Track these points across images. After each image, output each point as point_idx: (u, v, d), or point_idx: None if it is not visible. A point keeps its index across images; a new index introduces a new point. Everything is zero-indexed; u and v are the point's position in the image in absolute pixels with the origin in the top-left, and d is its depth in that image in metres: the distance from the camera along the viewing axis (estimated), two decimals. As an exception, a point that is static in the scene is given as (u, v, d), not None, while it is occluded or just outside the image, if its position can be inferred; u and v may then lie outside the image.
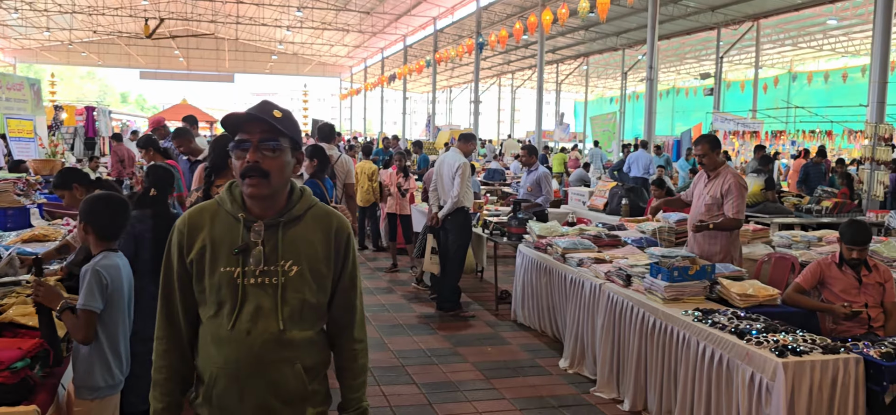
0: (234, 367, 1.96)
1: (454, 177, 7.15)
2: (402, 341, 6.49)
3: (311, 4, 33.00)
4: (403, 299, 8.12)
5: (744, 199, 5.43)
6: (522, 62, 38.53)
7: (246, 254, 1.97)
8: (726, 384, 3.85)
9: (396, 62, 40.91)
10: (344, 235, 2.10)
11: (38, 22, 37.72)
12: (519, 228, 7.31)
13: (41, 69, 47.83)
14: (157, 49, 45.40)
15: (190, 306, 2.06)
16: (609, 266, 5.42)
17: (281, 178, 1.99)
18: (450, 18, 31.52)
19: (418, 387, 5.34)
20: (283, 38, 42.96)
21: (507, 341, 6.57)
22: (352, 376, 2.15)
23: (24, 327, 3.13)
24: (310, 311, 2.03)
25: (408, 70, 33.95)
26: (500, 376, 5.60)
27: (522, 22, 20.23)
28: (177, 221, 2.07)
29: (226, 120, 2.02)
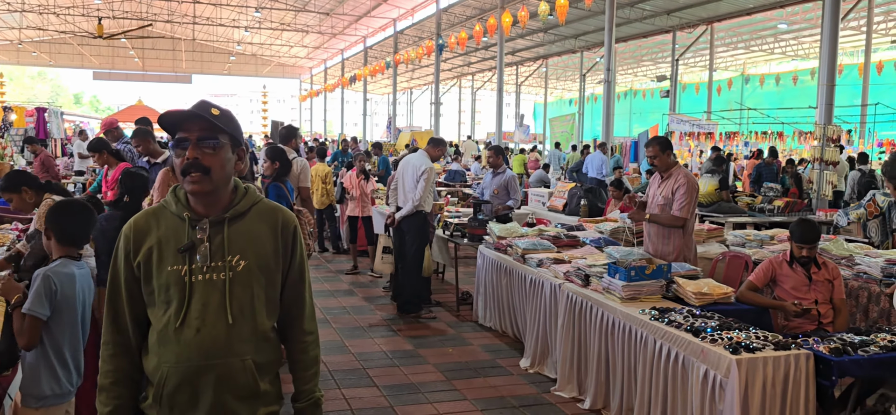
0: (185, 365, 1.97)
1: (418, 180, 7.14)
2: (363, 344, 6.47)
3: (270, 5, 32.66)
4: (364, 302, 8.10)
5: (693, 199, 5.47)
6: (482, 64, 38.71)
7: (192, 251, 1.99)
8: (682, 382, 3.93)
9: (357, 63, 40.73)
10: (290, 228, 2.13)
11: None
12: (479, 230, 7.34)
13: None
14: (111, 49, 44.42)
15: (137, 311, 2.06)
16: (568, 266, 5.48)
17: (222, 174, 2.02)
18: (410, 20, 31.51)
19: (379, 390, 5.33)
20: (242, 38, 42.44)
21: (468, 342, 6.60)
22: (303, 367, 2.18)
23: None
24: (259, 305, 2.05)
25: (368, 72, 33.83)
26: (461, 377, 5.62)
27: (482, 24, 20.32)
28: (123, 227, 2.08)
29: (163, 118, 2.03)
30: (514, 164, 20.51)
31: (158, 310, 2.01)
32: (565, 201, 10.40)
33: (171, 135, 2.05)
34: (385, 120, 47.46)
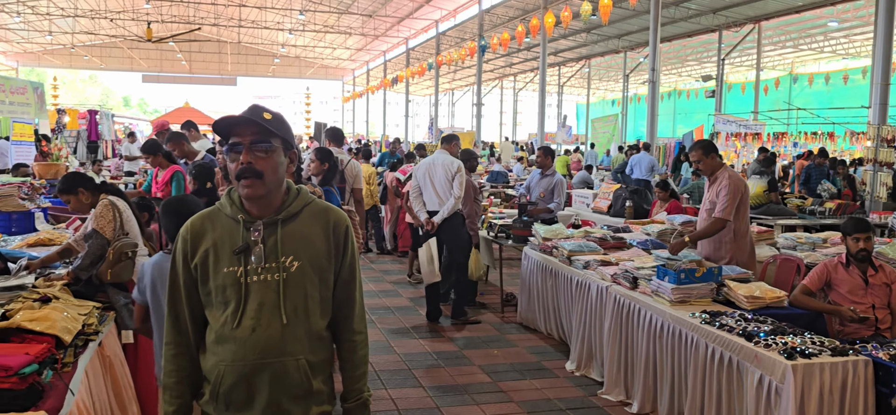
0: (241, 364, 2.01)
1: (454, 178, 6.95)
2: (409, 344, 6.50)
3: (314, 7, 33.05)
4: (409, 302, 8.13)
5: (736, 199, 5.35)
6: (524, 64, 38.57)
7: (247, 253, 2.03)
8: (736, 386, 3.86)
9: (399, 65, 40.94)
10: (342, 228, 2.15)
11: (41, 25, 37.76)
12: (524, 231, 7.32)
13: (43, 73, 47.88)
14: (159, 52, 45.45)
15: (196, 311, 2.12)
16: (615, 268, 5.44)
17: (274, 177, 2.05)
18: (452, 21, 31.55)
19: (425, 390, 5.35)
20: (286, 41, 43.02)
21: (513, 344, 6.59)
22: (353, 367, 2.20)
23: (32, 332, 3.12)
24: (313, 305, 2.09)
25: (410, 73, 33.98)
26: (507, 379, 5.62)
27: (524, 24, 20.25)
28: (180, 230, 2.13)
29: (217, 124, 2.07)
30: (557, 165, 20.37)
31: (216, 310, 2.07)
32: (610, 203, 10.31)
33: (224, 139, 2.08)
34: (427, 121, 47.62)
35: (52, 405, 2.70)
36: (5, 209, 6.52)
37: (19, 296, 3.77)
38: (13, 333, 3.10)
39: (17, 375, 2.64)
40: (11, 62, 46.22)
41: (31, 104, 12.78)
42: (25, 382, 2.67)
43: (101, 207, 4.28)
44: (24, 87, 12.63)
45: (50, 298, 3.68)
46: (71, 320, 3.34)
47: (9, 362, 2.66)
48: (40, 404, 2.68)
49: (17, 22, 35.62)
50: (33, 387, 2.72)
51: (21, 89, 12.35)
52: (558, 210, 8.14)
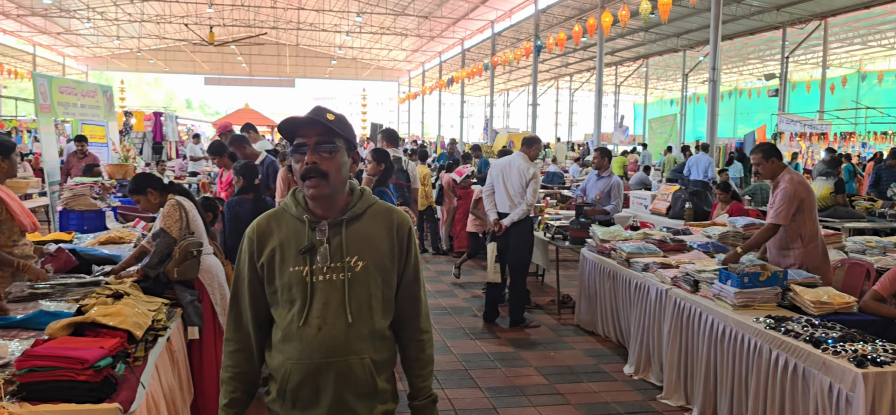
0: (307, 362, 2.04)
1: (528, 184, 6.89)
2: (465, 345, 6.52)
3: (371, 9, 33.40)
4: (465, 303, 8.15)
5: (790, 205, 5.13)
6: (580, 64, 38.22)
7: (312, 253, 2.05)
8: (802, 394, 3.75)
9: (454, 66, 41.05)
10: (405, 229, 2.17)
11: (109, 31, 39.18)
12: (581, 232, 7.25)
13: (111, 76, 49.62)
14: (220, 55, 46.63)
15: (259, 310, 2.15)
16: (675, 271, 5.35)
17: (339, 177, 2.08)
18: (507, 22, 31.46)
19: (482, 391, 5.36)
20: (343, 43, 43.58)
21: (570, 346, 6.54)
22: (420, 366, 2.22)
23: (106, 326, 3.23)
24: (377, 305, 2.11)
25: (465, 74, 34.02)
26: (564, 381, 5.58)
27: (581, 24, 20.07)
28: (247, 230, 2.16)
29: (283, 125, 2.11)
30: (614, 166, 20.14)
31: (282, 309, 2.09)
32: (668, 204, 10.14)
33: (289, 140, 2.11)
34: (482, 122, 47.61)
35: (125, 398, 2.79)
36: (78, 208, 6.79)
37: (93, 292, 3.92)
38: (88, 327, 3.21)
39: (92, 367, 2.74)
40: (82, 66, 48.06)
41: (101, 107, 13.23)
42: (101, 374, 2.77)
43: (168, 207, 4.42)
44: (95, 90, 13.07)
45: (121, 294, 3.82)
46: (141, 316, 3.46)
47: (86, 355, 2.76)
48: (114, 396, 2.77)
49: (88, 28, 37.03)
50: (108, 380, 2.82)
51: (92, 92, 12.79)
52: (616, 212, 8.01)
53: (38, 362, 2.73)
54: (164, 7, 34.34)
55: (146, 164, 16.05)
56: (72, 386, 2.71)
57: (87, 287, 4.08)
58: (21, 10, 32.30)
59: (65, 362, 2.72)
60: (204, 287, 4.47)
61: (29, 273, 4.10)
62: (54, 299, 3.85)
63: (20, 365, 2.72)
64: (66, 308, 3.63)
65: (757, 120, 29.94)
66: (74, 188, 7.03)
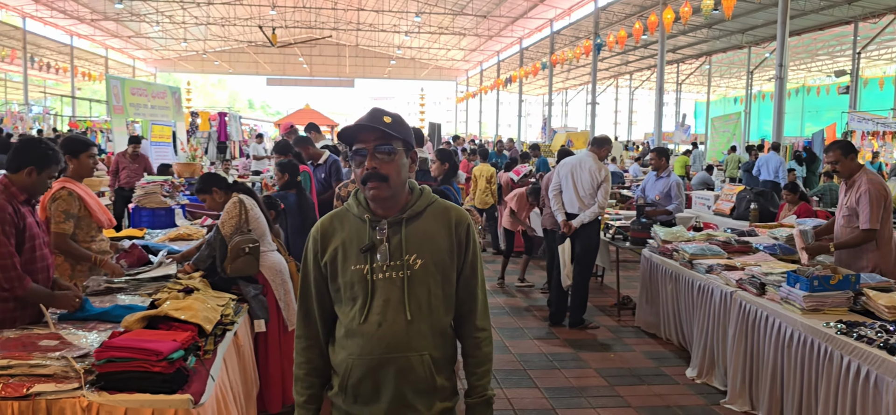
0: (368, 358, 2.09)
1: (600, 185, 6.80)
2: (524, 345, 6.51)
3: (429, 9, 33.56)
4: (523, 302, 8.13)
5: (879, 208, 4.96)
6: (641, 62, 37.62)
7: (373, 251, 2.11)
8: (874, 403, 3.63)
9: (512, 65, 40.91)
10: (464, 226, 2.20)
11: (177, 34, 40.45)
12: (642, 233, 7.14)
13: (178, 78, 51.16)
14: (282, 56, 47.59)
15: (325, 306, 2.22)
16: (740, 273, 5.23)
17: (398, 179, 2.12)
18: (566, 20, 31.19)
19: (541, 391, 5.34)
20: (402, 43, 43.93)
21: (630, 348, 6.46)
22: (477, 363, 2.24)
23: (178, 320, 3.34)
24: (436, 302, 2.14)
25: (523, 72, 33.89)
26: (624, 383, 5.52)
27: (642, 21, 19.77)
28: (311, 230, 2.23)
29: (342, 132, 2.18)
30: (676, 165, 19.73)
31: (345, 306, 2.15)
32: (733, 205, 9.90)
33: (348, 146, 2.17)
34: (540, 121, 47.32)
35: (196, 389, 2.89)
36: (149, 206, 7.04)
37: (165, 286, 4.07)
38: (161, 320, 3.34)
39: (166, 359, 2.84)
40: (151, 68, 49.71)
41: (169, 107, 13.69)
42: (173, 366, 2.88)
43: (229, 205, 4.55)
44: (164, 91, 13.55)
45: (192, 289, 3.95)
46: (211, 311, 3.57)
47: (160, 347, 2.88)
48: (186, 387, 2.88)
49: (157, 31, 38.27)
50: (180, 371, 2.93)
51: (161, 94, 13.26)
52: (677, 212, 7.85)
53: (115, 352, 2.86)
54: (229, 10, 35.22)
55: (211, 163, 16.50)
56: (147, 377, 2.82)
57: (160, 282, 4.23)
58: (94, 15, 33.61)
59: (140, 354, 2.84)
60: (267, 282, 4.58)
61: (105, 268, 4.28)
62: (129, 293, 4.01)
63: (99, 355, 2.85)
64: (140, 302, 3.77)
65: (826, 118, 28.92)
66: (146, 187, 7.29)
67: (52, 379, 2.79)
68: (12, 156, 3.49)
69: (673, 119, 38.17)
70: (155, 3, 32.82)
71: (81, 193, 4.30)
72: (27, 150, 3.50)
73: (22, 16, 32.05)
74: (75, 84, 38.66)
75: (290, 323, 4.75)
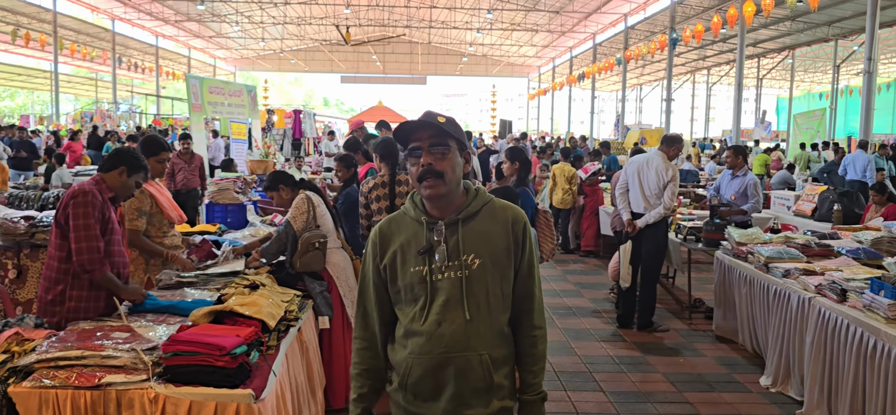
0: (427, 357, 2.12)
1: (667, 186, 6.65)
2: (589, 346, 6.39)
3: (501, 6, 33.42)
4: (590, 303, 8.00)
5: None
6: (719, 57, 36.46)
7: (431, 253, 2.14)
8: (964, 420, 3.40)
9: (585, 61, 40.35)
10: (520, 225, 2.21)
11: (255, 33, 41.58)
12: (716, 234, 6.91)
13: (256, 76, 52.60)
14: (356, 54, 48.29)
15: (383, 308, 2.25)
16: (820, 278, 4.99)
17: (453, 176, 2.14)
18: (642, 15, 30.52)
19: (606, 395, 5.23)
20: (474, 39, 43.90)
21: (701, 353, 6.26)
22: (531, 361, 2.24)
23: (242, 315, 3.41)
24: (495, 301, 2.16)
25: (596, 69, 33.36)
26: (693, 390, 5.35)
27: (721, 15, 19.15)
28: (371, 234, 2.27)
29: (397, 130, 2.21)
30: (755, 164, 19.05)
31: (407, 307, 2.18)
32: (815, 206, 9.49)
33: (404, 146, 2.20)
34: (612, 118, 46.53)
35: (258, 384, 2.94)
36: (222, 201, 7.22)
37: (232, 282, 4.17)
38: (227, 315, 3.42)
39: (229, 354, 2.91)
40: (230, 67, 51.26)
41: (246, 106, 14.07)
42: (236, 361, 2.94)
43: (297, 201, 4.64)
44: (240, 90, 13.94)
45: (257, 285, 4.03)
46: (275, 307, 3.64)
47: (223, 342, 2.94)
48: (248, 382, 2.94)
49: (236, 31, 39.43)
50: (242, 366, 2.99)
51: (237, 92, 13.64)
52: (754, 212, 7.56)
53: (181, 346, 2.94)
54: (305, 9, 35.95)
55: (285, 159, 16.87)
56: (210, 371, 2.89)
57: (228, 277, 4.33)
58: (178, 16, 34.89)
59: (205, 348, 2.91)
60: (332, 279, 4.64)
61: (176, 262, 4.41)
62: (198, 288, 4.12)
63: (166, 349, 2.94)
64: (209, 296, 3.87)
65: (919, 114, 27.41)
66: (219, 183, 7.49)
67: (122, 370, 2.90)
68: (108, 159, 3.78)
69: (753, 116, 36.85)
70: (235, 4, 33.81)
71: (153, 191, 4.46)
72: (122, 154, 3.79)
73: (111, 18, 33.55)
74: (160, 83, 40.21)
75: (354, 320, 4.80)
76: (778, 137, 34.01)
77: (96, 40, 33.55)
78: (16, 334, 3.06)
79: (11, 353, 2.97)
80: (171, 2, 32.70)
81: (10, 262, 5.44)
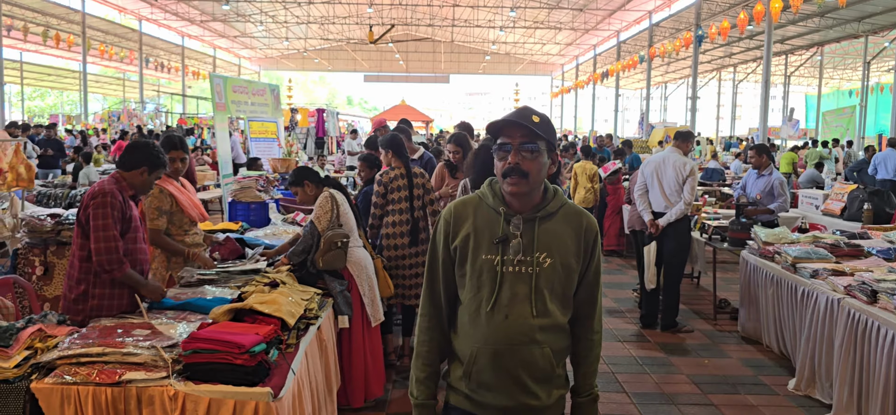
0: (493, 347, 2.17)
1: (686, 180, 6.58)
2: (613, 347, 6.33)
3: (524, 4, 33.31)
4: (614, 303, 7.92)
5: None
6: (746, 54, 35.98)
7: (505, 244, 2.17)
8: None
9: (609, 59, 40.07)
10: (592, 233, 2.26)
11: (279, 33, 41.86)
12: (742, 233, 6.80)
13: (280, 76, 52.93)
14: (379, 53, 48.46)
15: (450, 288, 2.29)
16: (849, 279, 4.88)
17: (538, 177, 2.18)
18: (666, 11, 30.22)
19: (629, 396, 5.17)
20: (497, 38, 43.83)
21: (726, 354, 6.16)
22: (588, 363, 2.32)
23: (262, 313, 3.41)
24: (558, 301, 2.21)
25: (620, 66, 33.12)
26: (719, 392, 5.26)
27: (747, 11, 18.90)
28: (443, 211, 2.30)
29: (490, 125, 2.23)
30: (782, 162, 18.77)
31: (468, 292, 2.22)
32: (844, 205, 9.30)
33: (493, 138, 2.22)
34: (637, 116, 46.16)
35: (277, 383, 2.94)
36: (245, 199, 7.25)
37: (253, 280, 4.17)
38: (246, 313, 3.42)
39: (248, 352, 2.91)
40: (255, 67, 51.68)
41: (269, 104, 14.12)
42: (255, 359, 2.94)
43: (321, 199, 4.63)
44: (264, 89, 13.98)
45: (278, 283, 4.03)
46: (295, 305, 3.63)
47: (243, 340, 2.94)
48: (267, 380, 2.93)
49: (260, 31, 39.73)
50: (261, 365, 2.98)
51: (261, 91, 13.68)
52: (781, 211, 7.43)
53: (201, 344, 2.94)
54: (328, 8, 36.12)
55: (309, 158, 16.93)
56: (230, 369, 2.88)
57: (248, 275, 4.34)
58: (204, 16, 35.24)
59: (224, 346, 2.91)
60: (353, 278, 4.63)
61: (198, 261, 4.43)
62: (219, 285, 4.13)
63: (186, 346, 2.94)
64: (229, 294, 3.88)
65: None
66: (242, 181, 7.52)
67: (143, 367, 2.90)
68: (127, 154, 3.77)
69: (780, 114, 36.37)
70: (259, 4, 34.06)
71: (172, 190, 4.48)
72: (143, 151, 3.78)
73: (138, 19, 33.97)
74: (185, 82, 40.64)
75: (374, 319, 4.78)
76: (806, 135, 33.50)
77: (123, 40, 34.00)
78: (39, 331, 3.08)
79: (35, 349, 2.99)
80: (196, 2, 33.02)
81: (38, 259, 5.50)
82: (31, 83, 39.74)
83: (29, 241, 5.52)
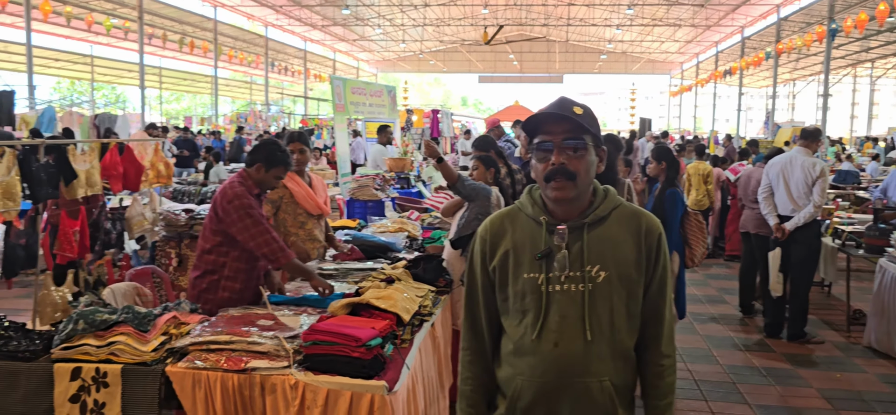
0: (540, 380, 1.87)
1: (816, 182, 6.19)
2: (733, 355, 6.06)
3: (642, 1, 32.46)
4: (736, 310, 7.58)
5: None
6: (885, 48, 33.49)
7: (549, 259, 1.87)
8: None
9: (732, 56, 38.35)
10: (655, 235, 1.91)
11: (396, 35, 42.80)
12: (880, 240, 6.35)
13: (397, 77, 54.12)
14: (493, 54, 48.58)
15: (493, 315, 2.01)
16: None
17: (587, 178, 1.88)
18: (796, 5, 28.56)
19: (752, 409, 4.94)
20: (613, 36, 42.93)
21: (860, 369, 5.77)
22: (658, 395, 1.95)
23: (378, 308, 3.49)
24: (620, 321, 1.88)
25: (744, 64, 31.62)
26: (851, 409, 4.94)
27: (888, 2, 17.59)
28: (479, 229, 2.04)
29: (526, 123, 1.95)
30: (926, 165, 17.36)
31: (513, 319, 1.93)
32: None
33: (531, 137, 1.94)
34: (761, 115, 43.99)
35: (391, 377, 3.01)
36: (363, 198, 7.48)
37: (370, 275, 4.29)
38: (363, 308, 3.52)
39: (365, 346, 2.99)
40: (373, 69, 53.10)
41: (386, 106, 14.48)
42: (371, 353, 3.02)
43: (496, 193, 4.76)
44: (381, 90, 14.37)
45: (393, 279, 4.12)
46: (409, 301, 3.71)
47: (360, 334, 3.03)
48: (382, 374, 3.00)
49: (378, 34, 40.78)
50: (377, 358, 3.06)
51: (378, 93, 14.07)
52: (924, 217, 6.89)
53: (320, 336, 3.06)
54: (444, 10, 36.57)
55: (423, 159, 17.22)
56: (347, 361, 2.98)
57: (366, 271, 4.48)
58: (325, 21, 36.56)
59: (342, 339, 3.01)
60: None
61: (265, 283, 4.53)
62: (337, 280, 4.29)
63: (306, 338, 3.07)
64: (347, 289, 4.01)
65: None
66: (360, 180, 7.76)
67: (266, 356, 3.05)
68: (250, 153, 4.01)
69: (925, 111, 33.64)
70: (377, 8, 34.94)
71: (287, 183, 4.69)
72: (261, 148, 3.99)
73: (265, 25, 35.67)
74: (307, 85, 42.30)
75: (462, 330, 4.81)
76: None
77: (251, 46, 35.80)
78: (173, 318, 3.30)
79: (170, 335, 3.21)
80: (318, 7, 34.30)
81: (173, 251, 5.90)
82: (169, 87, 42.49)
83: (165, 234, 5.92)
